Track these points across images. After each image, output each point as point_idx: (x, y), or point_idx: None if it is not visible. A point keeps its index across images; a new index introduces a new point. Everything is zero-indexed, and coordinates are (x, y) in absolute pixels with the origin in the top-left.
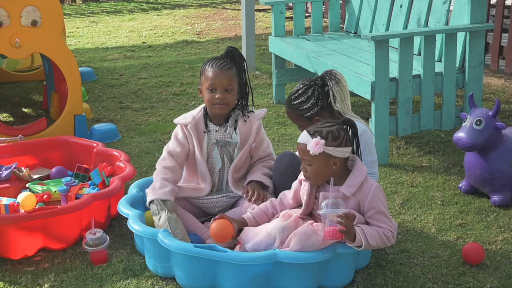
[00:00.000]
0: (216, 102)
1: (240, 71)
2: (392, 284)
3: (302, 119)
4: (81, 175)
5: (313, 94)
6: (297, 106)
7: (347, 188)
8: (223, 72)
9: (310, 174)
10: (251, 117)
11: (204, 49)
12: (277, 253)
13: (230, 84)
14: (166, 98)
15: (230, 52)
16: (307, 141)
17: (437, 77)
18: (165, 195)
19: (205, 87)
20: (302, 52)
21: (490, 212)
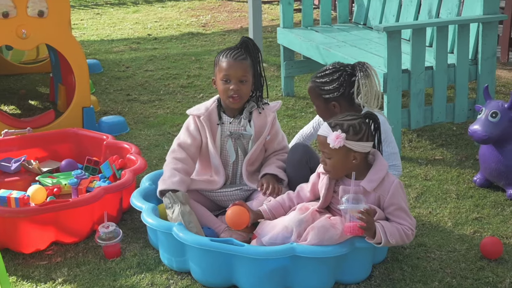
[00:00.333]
0: (231, 93)
1: (255, 62)
2: (410, 279)
3: (320, 99)
4: (91, 168)
5: (338, 79)
6: (319, 84)
7: (368, 182)
8: (237, 63)
9: (330, 168)
10: (266, 109)
11: (210, 41)
12: (295, 247)
13: (245, 75)
14: (173, 90)
15: (245, 42)
16: (328, 134)
17: (450, 69)
18: (174, 184)
19: (219, 78)
20: (312, 43)
21: (506, 206)
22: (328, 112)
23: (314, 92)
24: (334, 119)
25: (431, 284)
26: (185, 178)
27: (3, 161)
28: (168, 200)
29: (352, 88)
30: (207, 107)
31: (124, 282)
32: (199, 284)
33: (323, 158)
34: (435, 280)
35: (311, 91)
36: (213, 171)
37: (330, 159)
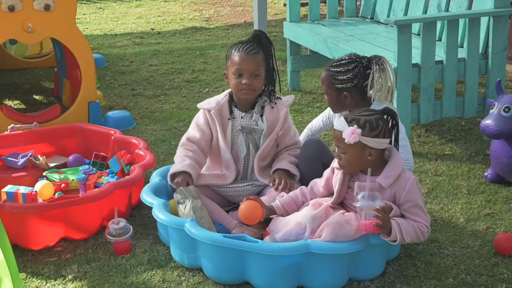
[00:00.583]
0: (243, 87)
1: (268, 55)
2: (424, 275)
3: (332, 88)
4: (98, 163)
5: (353, 70)
6: (333, 72)
7: (384, 179)
8: (250, 57)
9: (344, 163)
10: (278, 104)
11: (214, 36)
12: (309, 243)
13: (257, 69)
14: (178, 85)
15: (257, 36)
16: (343, 129)
17: (460, 63)
18: (184, 167)
19: (231, 72)
20: (319, 37)
21: None
22: (338, 103)
23: (327, 81)
24: (351, 114)
25: (446, 281)
26: (195, 164)
27: (10, 157)
28: (179, 195)
29: (366, 80)
30: (218, 101)
31: (135, 278)
32: (211, 280)
33: (338, 152)
34: (449, 276)
35: (325, 80)
36: (224, 166)
37: (345, 154)
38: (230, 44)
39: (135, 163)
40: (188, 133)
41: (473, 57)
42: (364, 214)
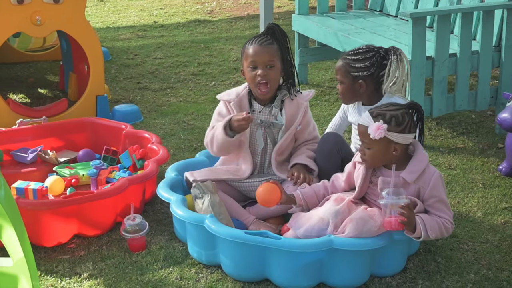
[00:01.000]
0: (258, 79)
1: (283, 47)
2: (445, 271)
3: (348, 76)
4: (109, 157)
5: (371, 59)
6: (349, 61)
7: (409, 174)
8: (263, 47)
9: (368, 158)
10: (298, 98)
11: (218, 29)
12: (333, 239)
13: (272, 59)
14: (184, 78)
15: (271, 28)
16: (368, 124)
17: (473, 56)
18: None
19: (246, 66)
20: (330, 30)
21: None
22: (352, 92)
23: (343, 69)
24: (376, 109)
25: (467, 277)
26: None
27: (19, 152)
28: (197, 190)
29: (382, 70)
30: (238, 92)
31: (152, 276)
32: (230, 278)
33: (362, 147)
34: (470, 272)
35: (340, 69)
36: (241, 159)
37: (369, 149)
38: (234, 37)
39: (147, 158)
40: (211, 124)
41: (486, 50)
42: (389, 211)
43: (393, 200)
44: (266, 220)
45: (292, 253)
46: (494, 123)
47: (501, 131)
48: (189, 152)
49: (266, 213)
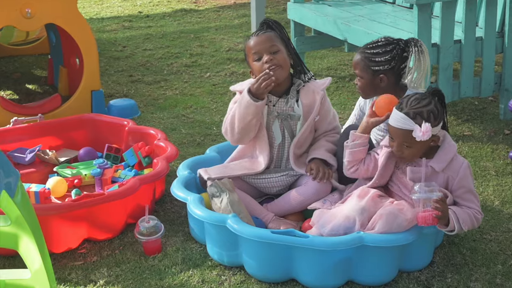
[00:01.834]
0: (266, 66)
1: (282, 34)
2: (472, 263)
3: (368, 71)
4: (112, 156)
5: (391, 52)
6: (369, 55)
7: (438, 163)
8: (261, 36)
9: (408, 156)
10: (314, 87)
11: (205, 18)
12: (363, 236)
13: (274, 44)
14: (178, 70)
15: (265, 22)
16: (411, 127)
17: (477, 42)
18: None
19: (251, 61)
20: (328, 18)
21: None
22: (372, 87)
23: (362, 64)
24: (409, 108)
25: (495, 268)
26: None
27: (16, 152)
28: (214, 189)
29: (402, 63)
30: (251, 83)
31: (172, 280)
32: (254, 279)
33: (400, 148)
34: (497, 263)
35: (359, 63)
36: (257, 150)
37: (410, 148)
38: (224, 26)
39: (154, 155)
40: (230, 109)
41: (490, 36)
42: (422, 205)
43: (426, 194)
44: (285, 216)
45: (322, 251)
46: (497, 109)
47: (505, 117)
48: (193, 147)
49: (284, 210)
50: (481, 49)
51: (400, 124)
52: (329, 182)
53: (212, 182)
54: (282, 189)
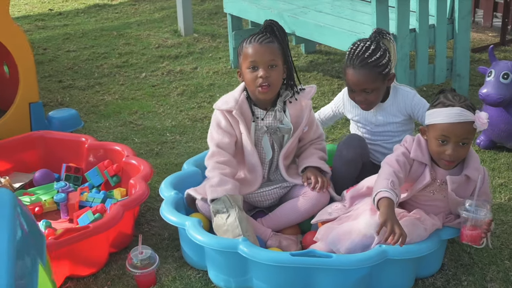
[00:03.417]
0: (259, 82)
1: (284, 46)
2: (481, 262)
3: (379, 78)
4: (72, 176)
5: (386, 48)
6: (375, 62)
7: (474, 171)
8: (264, 46)
9: (463, 155)
10: (301, 96)
11: (123, 13)
12: (386, 250)
13: (274, 59)
14: (109, 71)
15: (269, 25)
16: (471, 118)
17: (430, 29)
18: (228, 192)
19: (245, 67)
20: (273, 11)
21: None
22: (383, 91)
23: (371, 77)
24: (457, 102)
25: (504, 265)
26: (236, 183)
27: None
28: (222, 204)
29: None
30: (236, 98)
31: None
32: None
33: (456, 147)
34: (504, 259)
35: (366, 78)
36: (247, 170)
37: (467, 145)
38: (144, 21)
39: (123, 174)
40: (212, 138)
41: (442, 23)
42: (470, 224)
43: (478, 216)
44: (281, 231)
45: (345, 270)
46: None
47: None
48: (152, 158)
49: (281, 224)
50: (434, 37)
51: (463, 118)
52: (328, 192)
53: (222, 196)
54: (275, 201)
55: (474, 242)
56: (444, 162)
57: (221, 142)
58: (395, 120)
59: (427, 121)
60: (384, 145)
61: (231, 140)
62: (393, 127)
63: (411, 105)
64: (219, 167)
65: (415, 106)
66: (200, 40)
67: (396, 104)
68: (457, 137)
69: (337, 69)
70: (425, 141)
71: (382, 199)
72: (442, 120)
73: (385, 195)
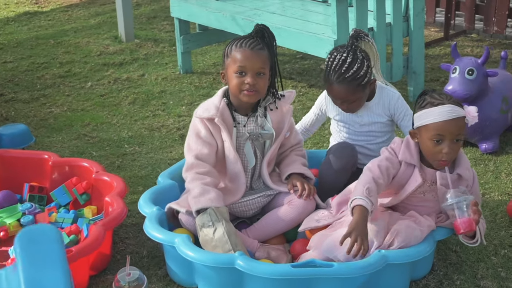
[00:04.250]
0: (245, 87)
1: (272, 53)
2: (468, 259)
3: (359, 89)
4: (36, 197)
5: (363, 56)
6: (353, 76)
7: (465, 170)
8: (254, 53)
9: (457, 152)
10: (281, 101)
11: (56, 20)
12: (387, 255)
13: (263, 67)
14: (53, 82)
15: (260, 30)
16: (463, 113)
17: (387, 28)
18: (213, 202)
19: (232, 71)
20: (225, 14)
21: (487, 161)
22: (366, 96)
23: (351, 90)
24: (445, 100)
25: (491, 261)
26: (219, 192)
27: None
28: (208, 217)
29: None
30: (216, 105)
31: None
32: None
33: (451, 145)
34: (490, 255)
35: (346, 92)
36: (229, 179)
37: (460, 141)
38: (81, 27)
39: (93, 191)
40: (190, 149)
41: (397, 21)
42: (457, 212)
43: (461, 198)
44: (267, 241)
45: (347, 278)
46: (406, 92)
47: (415, 99)
48: (114, 172)
49: (267, 234)
50: (390, 35)
51: (455, 114)
52: (314, 199)
53: (208, 209)
54: (257, 211)
55: (470, 228)
56: (440, 163)
57: (200, 153)
58: (380, 120)
59: (418, 123)
60: (367, 146)
61: (210, 150)
62: (378, 127)
63: (395, 106)
64: (199, 177)
65: (398, 108)
66: (142, 46)
67: (381, 103)
68: (452, 134)
69: (288, 70)
70: (414, 142)
71: (356, 207)
72: (434, 119)
73: (359, 203)
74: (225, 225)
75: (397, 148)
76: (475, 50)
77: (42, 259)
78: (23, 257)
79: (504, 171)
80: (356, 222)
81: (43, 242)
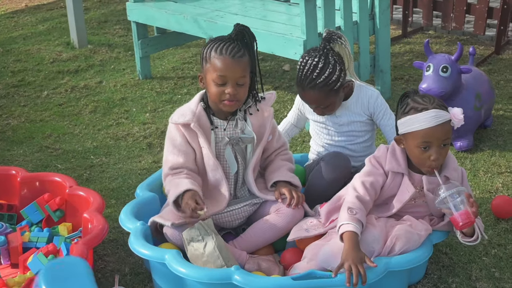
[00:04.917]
0: (226, 97)
1: (253, 56)
2: (461, 261)
3: (332, 94)
4: (6, 215)
5: (335, 61)
6: (325, 82)
7: (453, 171)
8: (235, 61)
9: (444, 156)
10: (261, 104)
11: (2, 27)
12: (388, 262)
13: (244, 75)
14: (6, 92)
15: (241, 32)
16: (448, 117)
17: (353, 26)
18: (185, 186)
19: (210, 78)
20: (186, 16)
21: (463, 159)
22: (341, 99)
23: (323, 95)
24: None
25: (483, 262)
26: (193, 181)
27: None
28: (196, 232)
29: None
30: (192, 110)
31: None
32: None
33: (439, 150)
34: (481, 255)
35: (319, 95)
36: (210, 188)
37: (447, 145)
38: (30, 34)
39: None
40: (166, 160)
41: (364, 19)
42: (452, 206)
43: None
44: (255, 252)
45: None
46: None
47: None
48: (83, 184)
49: (256, 245)
50: (357, 34)
51: (442, 119)
52: (302, 207)
53: (196, 224)
54: (243, 220)
55: (469, 219)
56: (428, 169)
57: (175, 164)
58: (359, 119)
59: (403, 130)
60: (348, 146)
61: (186, 159)
62: (357, 126)
63: (374, 105)
64: (173, 177)
65: (377, 107)
66: (97, 52)
67: (360, 102)
68: (439, 140)
69: None
70: (400, 149)
71: (344, 234)
72: (420, 126)
73: (347, 229)
74: (215, 238)
75: (383, 157)
76: (434, 47)
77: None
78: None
79: (482, 168)
80: (347, 252)
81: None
